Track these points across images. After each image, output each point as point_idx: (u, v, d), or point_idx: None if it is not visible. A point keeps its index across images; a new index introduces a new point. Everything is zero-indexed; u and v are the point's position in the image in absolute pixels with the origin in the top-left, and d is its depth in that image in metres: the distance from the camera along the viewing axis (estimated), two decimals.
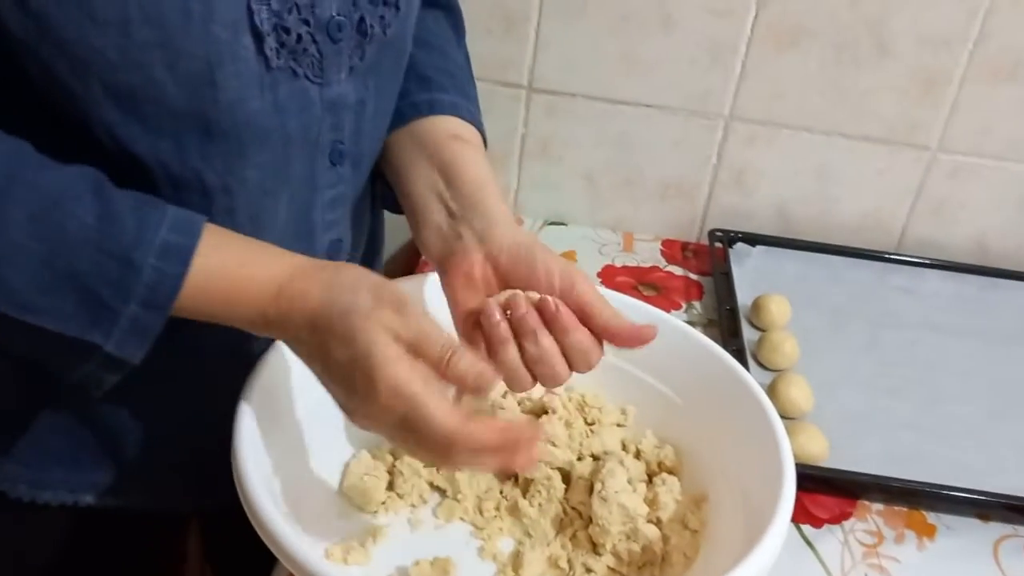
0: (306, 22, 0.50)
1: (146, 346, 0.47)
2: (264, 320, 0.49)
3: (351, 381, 0.48)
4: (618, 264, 1.02)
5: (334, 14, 0.51)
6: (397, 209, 0.65)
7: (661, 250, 1.06)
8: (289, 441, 0.58)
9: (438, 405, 0.46)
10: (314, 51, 0.51)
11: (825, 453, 0.74)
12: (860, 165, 1.01)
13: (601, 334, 0.54)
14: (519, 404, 0.67)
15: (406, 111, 0.63)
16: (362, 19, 0.53)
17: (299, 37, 0.50)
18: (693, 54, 0.97)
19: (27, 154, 0.46)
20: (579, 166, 1.05)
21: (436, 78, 0.65)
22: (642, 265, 1.02)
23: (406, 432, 0.47)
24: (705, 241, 1.04)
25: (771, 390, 0.79)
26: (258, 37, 0.48)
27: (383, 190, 0.67)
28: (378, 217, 0.73)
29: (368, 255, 0.72)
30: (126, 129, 0.48)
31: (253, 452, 0.52)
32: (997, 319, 0.96)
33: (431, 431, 0.46)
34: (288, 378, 0.58)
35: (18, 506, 0.62)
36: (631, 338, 0.53)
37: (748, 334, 0.88)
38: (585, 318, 0.53)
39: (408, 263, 1.07)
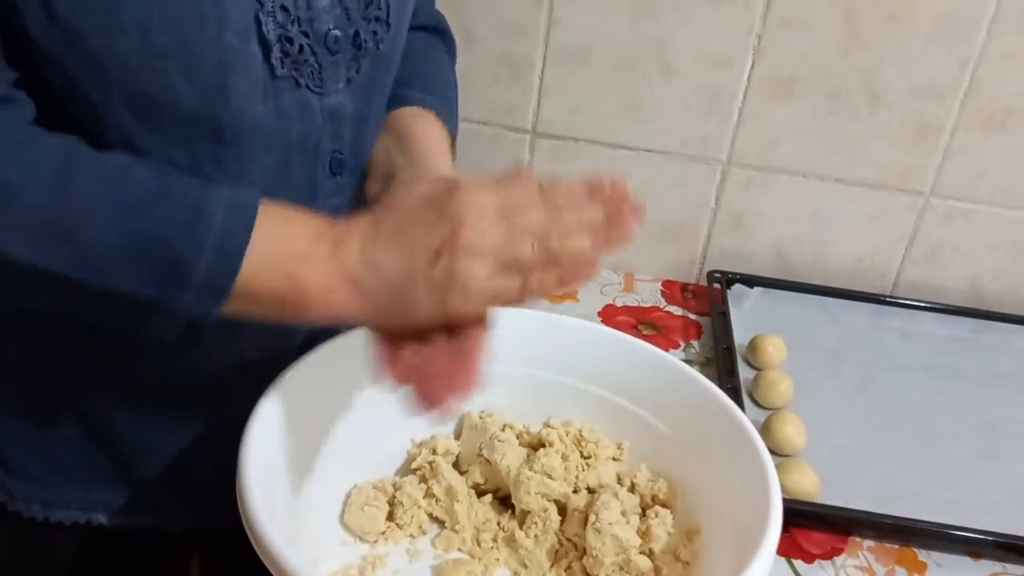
0: (306, 34, 0.54)
1: (223, 300, 0.48)
2: (341, 238, 0.50)
3: (433, 208, 0.49)
4: (619, 304, 1.04)
5: (331, 27, 0.55)
6: None
7: (661, 290, 1.08)
8: (292, 470, 0.60)
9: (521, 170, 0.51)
10: (314, 62, 0.55)
11: (817, 490, 0.76)
12: (855, 209, 1.03)
13: None
14: (518, 437, 0.69)
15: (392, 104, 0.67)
16: (356, 33, 0.57)
17: (301, 48, 0.54)
18: (692, 102, 1.00)
19: (80, 141, 0.49)
20: None
21: (411, 80, 0.68)
22: (642, 305, 1.05)
23: (510, 205, 0.49)
24: (704, 282, 1.06)
25: (765, 428, 0.81)
26: (265, 46, 0.52)
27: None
28: None
29: None
30: (143, 138, 0.50)
31: (258, 480, 0.54)
32: (990, 361, 0.98)
33: (530, 189, 0.50)
34: (294, 409, 0.60)
35: (31, 525, 0.64)
36: None
37: (744, 373, 0.90)
38: None
39: None
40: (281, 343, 0.65)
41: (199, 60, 0.49)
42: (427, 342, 0.52)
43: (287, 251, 0.49)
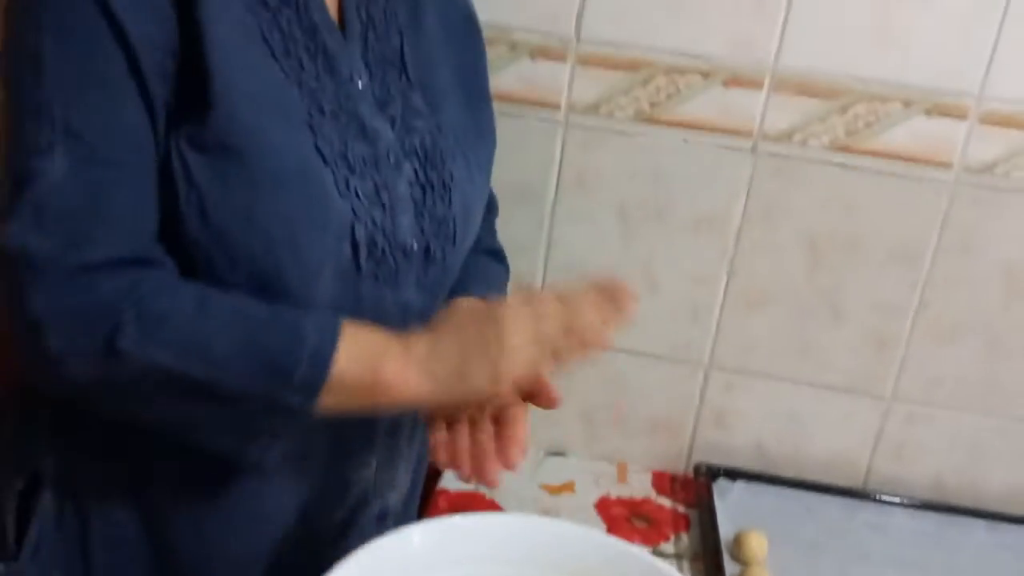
0: (389, 243, 0.69)
1: (319, 395, 0.61)
2: (409, 341, 0.64)
3: (482, 314, 0.65)
4: (613, 495, 1.12)
5: (408, 240, 0.70)
6: None
7: (652, 481, 1.17)
8: None
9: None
10: (392, 264, 0.69)
11: None
12: (826, 410, 1.14)
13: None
14: None
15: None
16: (428, 246, 0.72)
17: (383, 252, 0.68)
18: (675, 311, 1.12)
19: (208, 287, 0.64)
20: (577, 404, 1.17)
21: (475, 280, 0.83)
22: (635, 497, 1.13)
23: (538, 309, 0.64)
24: (691, 472, 1.15)
25: None
26: (355, 247, 0.67)
27: None
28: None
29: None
30: None
31: None
32: (953, 554, 1.05)
33: (550, 297, 0.65)
34: None
35: None
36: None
37: (730, 568, 0.97)
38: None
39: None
40: (340, 495, 0.77)
41: (306, 254, 0.64)
42: (477, 429, 0.68)
43: (367, 352, 0.63)
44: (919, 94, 1.00)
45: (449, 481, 1.10)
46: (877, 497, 1.12)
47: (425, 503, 1.03)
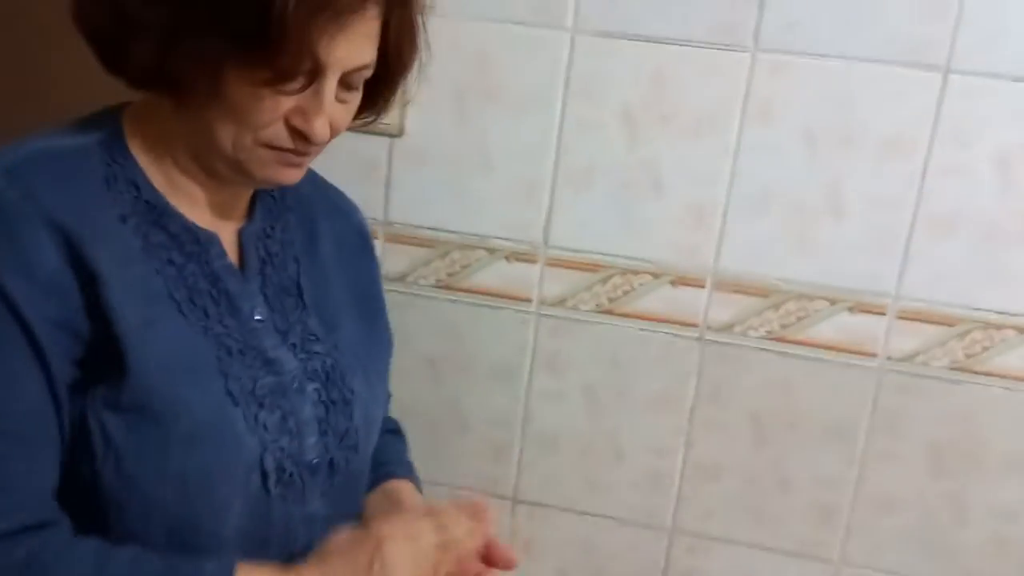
0: (296, 464, 0.73)
1: None
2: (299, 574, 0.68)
3: (358, 539, 0.70)
4: None
5: (314, 458, 0.75)
6: None
7: None
8: None
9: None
10: (299, 482, 0.73)
11: None
12: (780, 573, 1.23)
13: None
14: None
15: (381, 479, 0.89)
16: (332, 460, 0.76)
17: (291, 474, 0.72)
18: (639, 480, 1.24)
19: (104, 543, 0.66)
20: (553, 564, 1.29)
21: (391, 461, 0.92)
22: None
23: (413, 530, 0.70)
24: None
25: None
26: (264, 475, 0.71)
27: None
28: None
29: None
30: (167, 544, 0.68)
31: None
32: None
33: (426, 518, 0.72)
34: None
35: None
36: None
37: None
38: None
39: None
40: None
41: (217, 493, 0.69)
42: None
43: None
44: (842, 294, 1.15)
45: None
46: None
47: None
